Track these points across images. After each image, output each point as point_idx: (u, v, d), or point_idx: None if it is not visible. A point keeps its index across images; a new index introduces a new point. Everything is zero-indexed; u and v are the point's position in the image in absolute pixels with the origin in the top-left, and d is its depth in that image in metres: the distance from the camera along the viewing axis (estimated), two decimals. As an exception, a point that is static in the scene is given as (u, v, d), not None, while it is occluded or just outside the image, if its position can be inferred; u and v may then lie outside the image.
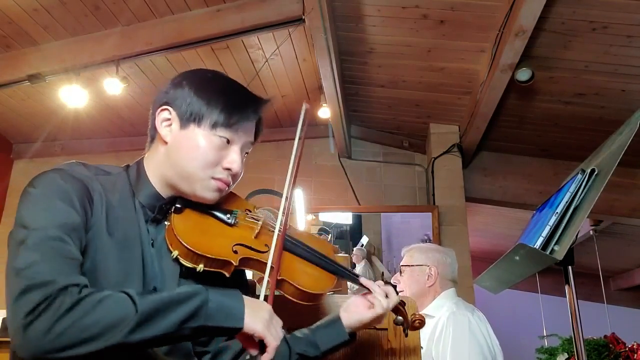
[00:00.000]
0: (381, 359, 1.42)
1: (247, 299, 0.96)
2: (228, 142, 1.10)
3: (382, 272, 4.15)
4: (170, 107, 1.11)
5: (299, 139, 1.19)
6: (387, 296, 1.21)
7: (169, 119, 1.11)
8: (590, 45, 2.99)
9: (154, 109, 1.14)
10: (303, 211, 4.20)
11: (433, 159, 4.17)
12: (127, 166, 1.15)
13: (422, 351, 2.04)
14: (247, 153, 1.17)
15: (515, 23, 2.72)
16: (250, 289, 1.24)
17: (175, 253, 1.05)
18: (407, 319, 1.28)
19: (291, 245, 1.19)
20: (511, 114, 3.79)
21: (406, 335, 1.32)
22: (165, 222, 1.10)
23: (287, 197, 1.14)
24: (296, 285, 1.12)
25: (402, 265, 2.38)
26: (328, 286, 1.18)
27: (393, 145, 4.62)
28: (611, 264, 5.98)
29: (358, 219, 4.46)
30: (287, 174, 1.14)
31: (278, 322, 0.99)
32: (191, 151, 1.07)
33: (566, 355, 3.65)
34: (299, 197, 4.25)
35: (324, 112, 4.00)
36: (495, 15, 2.94)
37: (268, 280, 1.05)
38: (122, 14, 3.26)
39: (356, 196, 4.47)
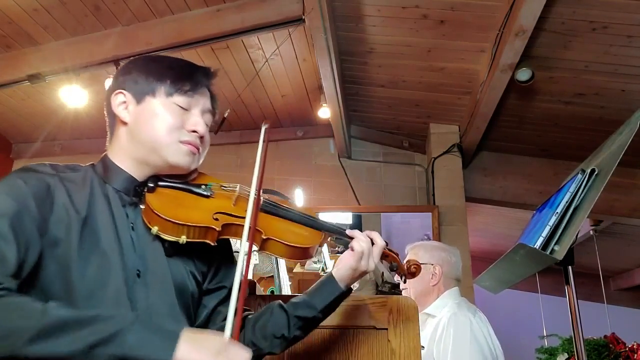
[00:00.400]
0: (381, 359, 1.42)
1: (189, 331, 0.84)
2: (186, 109, 1.13)
3: (382, 272, 4.15)
4: (123, 89, 1.14)
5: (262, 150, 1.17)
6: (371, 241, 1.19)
7: (124, 102, 1.13)
8: (590, 45, 2.99)
9: (108, 99, 1.16)
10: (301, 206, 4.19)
11: (433, 159, 4.17)
12: (93, 164, 1.16)
13: (423, 351, 2.04)
14: (207, 125, 1.18)
15: (515, 23, 2.72)
16: (235, 262, 1.22)
17: (155, 229, 1.04)
18: (400, 265, 1.26)
19: (272, 207, 1.19)
20: (511, 114, 3.79)
21: (404, 282, 1.31)
22: (141, 206, 1.10)
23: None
24: (284, 242, 1.12)
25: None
26: (316, 241, 1.18)
27: (393, 145, 4.61)
28: (611, 264, 5.97)
29: (358, 219, 4.46)
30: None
31: (236, 349, 0.85)
32: (152, 120, 1.10)
33: (566, 355, 3.65)
34: (299, 197, 4.25)
35: (324, 112, 4.01)
36: (495, 15, 2.94)
37: (247, 242, 1.01)
38: (122, 14, 3.26)
39: (356, 196, 4.47)
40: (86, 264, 0.98)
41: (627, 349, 3.45)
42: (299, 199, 4.20)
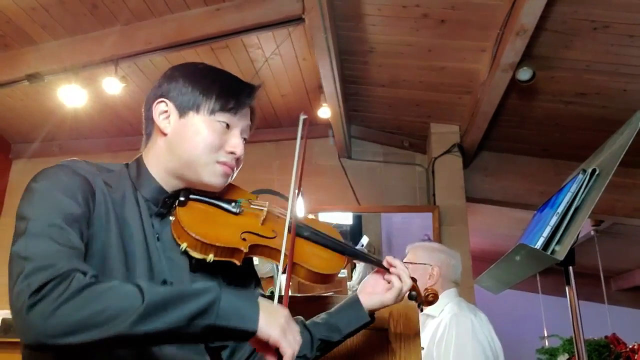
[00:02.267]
0: (381, 359, 1.41)
1: (262, 302, 0.90)
2: (228, 126, 1.12)
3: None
4: (167, 99, 1.12)
5: (301, 139, 1.22)
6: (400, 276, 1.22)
7: (166, 111, 1.12)
8: (591, 45, 2.98)
9: (149, 104, 1.15)
10: (303, 211, 4.19)
11: (433, 159, 4.16)
12: (127, 164, 1.15)
13: (423, 352, 2.04)
14: (245, 139, 1.18)
15: (516, 22, 2.71)
16: (254, 277, 1.25)
17: (184, 245, 1.05)
18: (420, 294, 1.29)
19: (299, 228, 1.19)
20: (512, 113, 3.78)
21: (421, 310, 1.36)
22: (170, 217, 1.10)
23: (295, 185, 1.17)
24: (308, 268, 1.12)
25: (405, 262, 2.37)
26: (339, 266, 1.19)
27: (393, 145, 4.61)
28: (612, 264, 5.97)
29: (358, 219, 4.45)
30: (292, 170, 1.14)
31: (294, 329, 0.92)
32: (193, 137, 1.09)
33: (567, 356, 3.65)
34: (299, 197, 4.23)
35: (324, 112, 4.00)
36: (496, 14, 2.93)
37: (284, 268, 1.04)
38: (121, 14, 3.26)
39: (356, 196, 4.46)
40: (117, 263, 0.99)
41: (627, 349, 3.44)
42: (298, 199, 4.19)
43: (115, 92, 3.41)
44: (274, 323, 0.88)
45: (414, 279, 1.26)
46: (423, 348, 2.06)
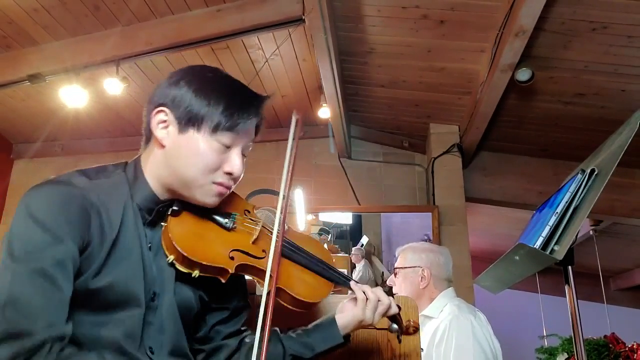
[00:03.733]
0: (381, 359, 1.42)
1: None
2: (229, 147, 1.06)
3: (382, 272, 4.15)
4: (167, 108, 1.05)
5: (292, 148, 1.13)
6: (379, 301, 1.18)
7: (165, 121, 1.05)
8: (590, 45, 2.99)
9: (150, 109, 1.08)
10: (303, 211, 4.20)
11: (433, 159, 4.17)
12: (125, 164, 1.11)
13: (422, 353, 2.04)
14: (244, 155, 1.14)
15: (515, 23, 2.72)
16: (248, 291, 1.24)
17: (171, 258, 1.04)
18: (401, 326, 1.26)
19: (289, 252, 1.17)
20: (511, 114, 3.79)
21: (399, 342, 1.32)
22: (162, 224, 1.08)
23: (283, 204, 1.09)
24: (293, 295, 1.11)
25: (395, 268, 2.37)
26: (324, 294, 1.17)
27: (393, 145, 4.61)
28: (611, 264, 5.97)
29: (358, 219, 4.46)
30: (281, 184, 1.10)
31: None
32: (191, 157, 1.03)
33: (566, 355, 3.66)
34: (299, 197, 4.25)
35: (324, 112, 4.00)
36: (495, 15, 2.94)
37: (268, 291, 1.01)
38: (122, 14, 3.26)
39: (356, 196, 4.47)
40: (115, 278, 0.97)
41: (627, 349, 3.45)
42: (299, 199, 4.20)
43: (116, 93, 3.41)
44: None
45: (398, 306, 1.24)
46: (422, 349, 2.07)
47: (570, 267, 1.37)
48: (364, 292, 1.17)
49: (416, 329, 1.30)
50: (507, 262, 1.52)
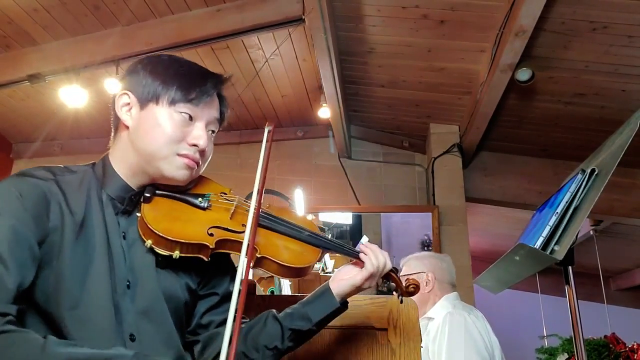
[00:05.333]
0: (381, 359, 1.42)
1: None
2: (191, 118, 1.08)
3: (382, 272, 4.15)
4: (129, 91, 1.10)
5: (264, 157, 1.13)
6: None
7: (128, 104, 1.10)
8: (590, 45, 2.99)
9: (114, 96, 1.13)
10: (303, 211, 4.20)
11: (433, 159, 4.17)
12: (94, 164, 1.13)
13: (423, 350, 2.05)
14: (213, 132, 1.15)
15: (516, 23, 2.72)
16: (235, 273, 1.22)
17: (148, 242, 1.03)
18: (400, 285, 1.25)
19: (269, 222, 1.16)
20: (511, 114, 3.79)
21: (401, 302, 1.30)
22: (137, 214, 1.07)
23: (260, 177, 1.09)
24: (279, 262, 1.10)
25: (401, 276, 2.41)
26: (313, 259, 1.16)
27: (393, 145, 4.61)
28: (611, 264, 5.97)
29: (358, 219, 4.46)
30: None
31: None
32: (152, 129, 1.06)
33: (566, 356, 3.65)
34: (299, 197, 4.25)
35: (324, 112, 4.00)
36: (495, 15, 2.94)
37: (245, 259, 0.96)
38: (122, 14, 3.26)
39: (356, 196, 4.47)
40: (76, 270, 0.96)
41: (627, 349, 3.45)
42: (299, 199, 4.20)
43: (116, 93, 3.41)
44: None
45: (394, 269, 1.23)
46: (422, 346, 2.09)
47: (570, 267, 1.37)
48: (373, 261, 1.16)
49: (417, 287, 1.27)
50: (507, 262, 1.52)
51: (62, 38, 3.45)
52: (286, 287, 2.31)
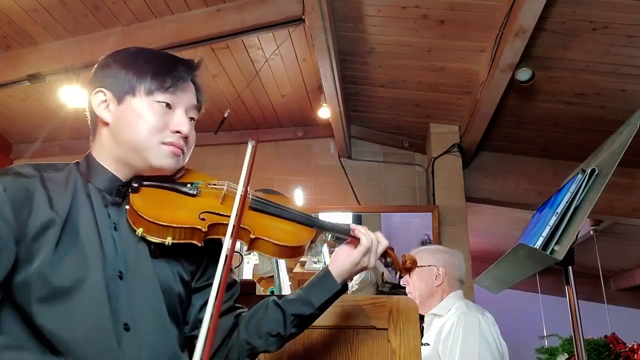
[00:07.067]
0: (381, 359, 1.42)
1: None
2: (170, 106, 1.09)
3: (382, 272, 4.15)
4: (103, 88, 1.10)
5: (246, 173, 1.11)
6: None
7: (105, 100, 1.10)
8: (590, 45, 2.99)
9: (88, 95, 1.12)
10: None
11: (433, 159, 4.17)
12: (77, 162, 1.13)
13: (428, 349, 2.05)
14: (193, 119, 1.15)
15: (516, 23, 2.72)
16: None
17: (139, 231, 1.02)
18: (396, 261, 1.25)
19: (260, 204, 1.16)
20: (511, 114, 3.79)
21: (400, 277, 1.31)
22: (127, 207, 1.07)
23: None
24: (273, 242, 1.09)
25: None
26: (307, 238, 1.15)
27: (393, 145, 4.61)
28: (611, 264, 5.97)
29: (358, 219, 4.45)
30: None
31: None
32: (134, 122, 1.07)
33: (566, 356, 3.65)
34: (299, 196, 4.25)
35: (324, 112, 4.00)
36: (495, 15, 2.94)
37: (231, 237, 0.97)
38: (122, 14, 3.26)
39: (356, 196, 4.47)
40: (64, 264, 0.96)
41: (627, 349, 3.45)
42: (299, 199, 4.20)
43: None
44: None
45: (390, 248, 1.22)
46: (428, 344, 2.09)
47: (570, 267, 1.37)
48: (365, 236, 1.16)
49: (414, 262, 1.26)
50: (508, 262, 1.52)
51: (62, 38, 3.45)
52: (286, 287, 2.32)
